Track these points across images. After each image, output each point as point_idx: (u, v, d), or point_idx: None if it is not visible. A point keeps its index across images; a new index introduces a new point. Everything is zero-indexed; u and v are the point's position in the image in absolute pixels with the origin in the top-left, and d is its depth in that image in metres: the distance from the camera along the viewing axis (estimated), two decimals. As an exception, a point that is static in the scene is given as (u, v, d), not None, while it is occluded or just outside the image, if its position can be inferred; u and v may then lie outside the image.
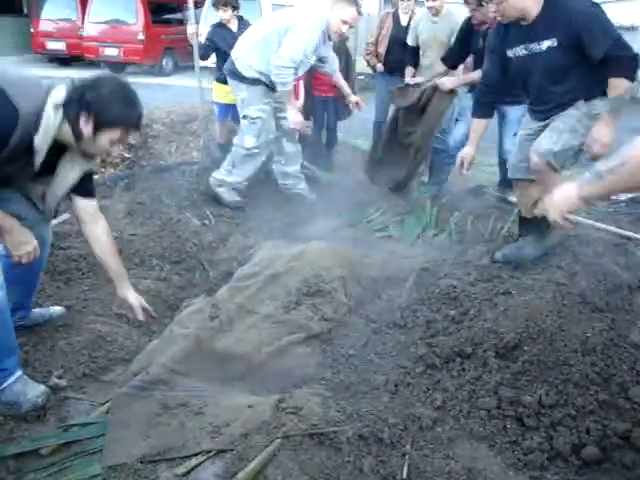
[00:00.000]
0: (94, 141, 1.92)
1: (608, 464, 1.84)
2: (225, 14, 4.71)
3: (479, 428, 2.01)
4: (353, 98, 4.33)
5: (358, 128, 6.10)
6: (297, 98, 4.51)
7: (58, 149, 1.97)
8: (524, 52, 2.84)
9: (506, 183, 4.34)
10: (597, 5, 2.73)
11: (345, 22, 3.75)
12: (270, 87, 3.91)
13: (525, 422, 1.99)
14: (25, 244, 1.96)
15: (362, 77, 10.76)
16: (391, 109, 4.72)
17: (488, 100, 3.20)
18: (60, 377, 2.19)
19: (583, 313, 2.44)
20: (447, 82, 4.07)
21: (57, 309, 2.57)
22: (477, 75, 3.68)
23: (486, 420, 2.03)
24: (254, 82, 3.88)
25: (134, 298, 2.33)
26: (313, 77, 5.01)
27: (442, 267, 3.20)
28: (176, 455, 1.81)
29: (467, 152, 3.28)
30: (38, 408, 2.00)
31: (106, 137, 1.92)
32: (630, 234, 3.84)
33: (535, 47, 2.77)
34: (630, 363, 2.13)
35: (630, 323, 2.45)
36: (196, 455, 1.81)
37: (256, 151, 4.06)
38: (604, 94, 2.71)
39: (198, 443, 1.85)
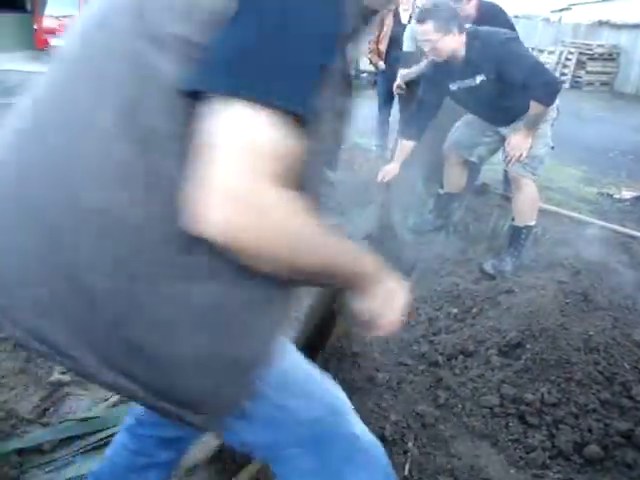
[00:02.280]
0: None
1: (610, 463, 1.84)
2: None
3: (481, 426, 2.01)
4: None
5: (361, 126, 6.08)
6: None
7: None
8: (463, 85, 3.10)
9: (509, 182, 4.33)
10: (513, 39, 3.06)
11: None
12: None
13: (527, 420, 1.99)
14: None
15: (365, 75, 10.75)
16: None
17: (421, 124, 3.30)
18: (63, 373, 2.19)
19: (586, 311, 2.44)
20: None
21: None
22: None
23: (488, 418, 2.03)
24: None
25: None
26: None
27: (444, 265, 3.20)
28: (178, 451, 1.81)
29: (393, 168, 3.37)
30: None
31: None
32: (634, 233, 3.84)
33: (471, 82, 3.05)
34: (633, 362, 2.12)
35: (633, 322, 2.45)
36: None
37: None
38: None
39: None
